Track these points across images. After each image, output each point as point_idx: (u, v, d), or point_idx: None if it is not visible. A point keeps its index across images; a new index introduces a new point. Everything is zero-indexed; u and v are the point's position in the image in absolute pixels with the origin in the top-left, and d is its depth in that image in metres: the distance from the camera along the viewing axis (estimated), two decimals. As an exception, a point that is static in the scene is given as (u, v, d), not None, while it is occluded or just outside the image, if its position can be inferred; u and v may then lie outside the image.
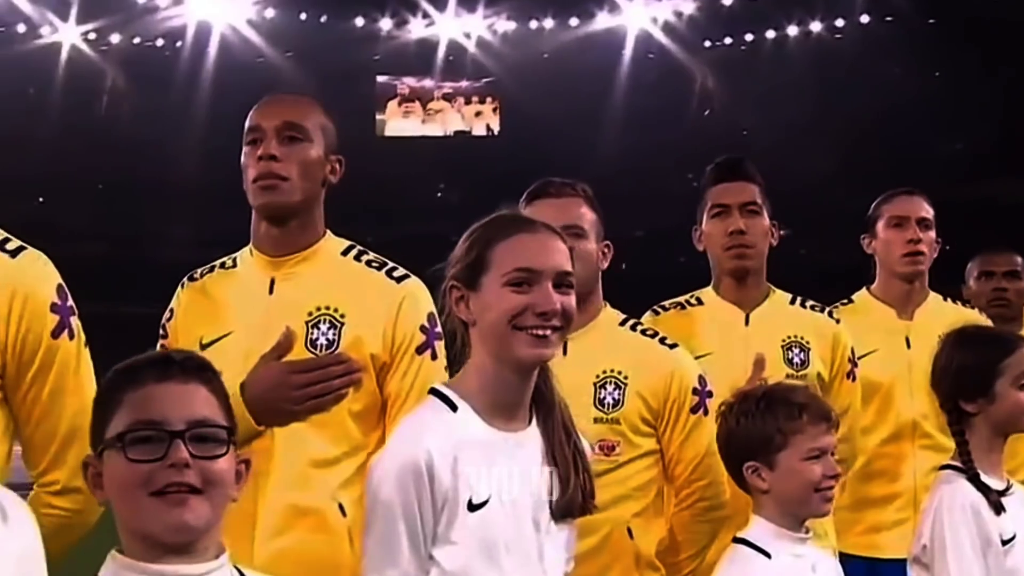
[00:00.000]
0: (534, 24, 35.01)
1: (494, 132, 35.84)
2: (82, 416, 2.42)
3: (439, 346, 3.10)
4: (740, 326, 3.97)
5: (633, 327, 3.61)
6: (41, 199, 32.20)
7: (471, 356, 2.59)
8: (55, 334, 2.68)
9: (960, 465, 3.41)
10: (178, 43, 33.88)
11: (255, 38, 33.72)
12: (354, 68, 33.90)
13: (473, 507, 2.46)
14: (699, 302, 4.07)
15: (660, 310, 4.09)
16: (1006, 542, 3.31)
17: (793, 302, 4.09)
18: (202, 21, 33.50)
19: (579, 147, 30.75)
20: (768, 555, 3.08)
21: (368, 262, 3.21)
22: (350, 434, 3.07)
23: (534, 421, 2.60)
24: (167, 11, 33.31)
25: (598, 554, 3.36)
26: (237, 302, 3.19)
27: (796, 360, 3.95)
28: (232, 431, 2.23)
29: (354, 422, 3.08)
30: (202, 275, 3.33)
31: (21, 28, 33.01)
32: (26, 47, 33.00)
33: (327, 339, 3.07)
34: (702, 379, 3.56)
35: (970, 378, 3.42)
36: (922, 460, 4.32)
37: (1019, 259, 5.16)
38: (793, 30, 35.09)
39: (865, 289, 4.68)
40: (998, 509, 3.31)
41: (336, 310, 3.10)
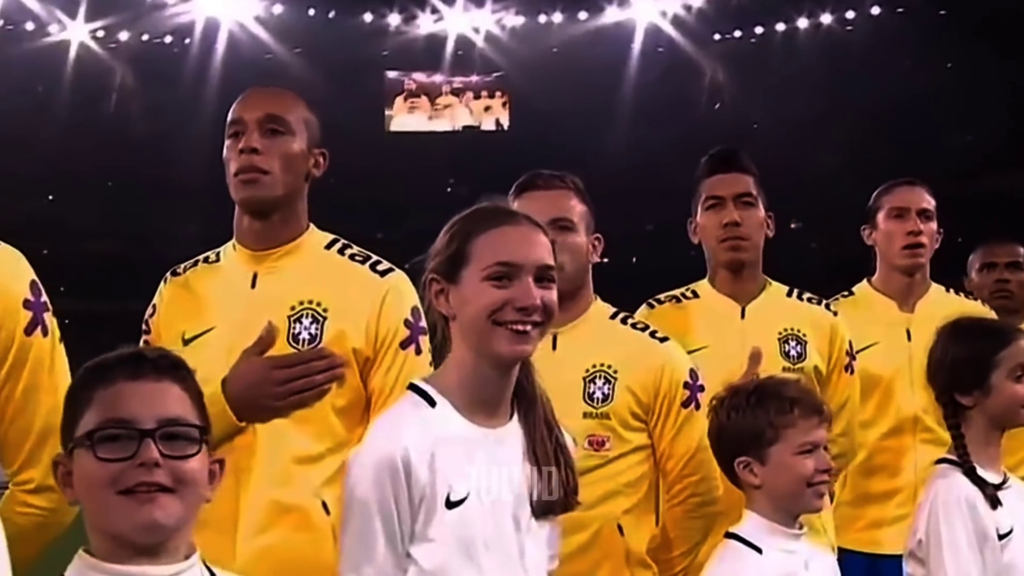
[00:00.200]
0: (543, 18, 34.99)
1: (503, 127, 35.83)
2: (56, 414, 2.39)
3: (424, 341, 3.05)
4: (736, 319, 3.92)
5: (624, 321, 3.56)
6: (50, 197, 32.30)
7: (451, 351, 2.55)
8: (28, 331, 2.66)
9: (956, 459, 3.36)
10: (186, 40, 33.96)
11: (263, 35, 33.76)
12: (363, 64, 33.92)
13: (451, 504, 2.43)
14: (695, 295, 4.02)
15: (655, 303, 4.04)
16: (1003, 536, 3.26)
17: (790, 294, 4.03)
18: (210, 18, 33.57)
19: (588, 141, 30.72)
20: (760, 551, 3.04)
21: (352, 256, 3.17)
22: (333, 430, 3.03)
23: (515, 417, 2.56)
24: (175, 8, 33.38)
25: (588, 551, 3.31)
26: (219, 297, 3.16)
27: (793, 353, 3.90)
28: (205, 430, 2.19)
29: (337, 418, 3.04)
30: (185, 270, 3.30)
31: (29, 26, 33.12)
32: (34, 45, 33.11)
33: (309, 334, 3.04)
34: (693, 373, 3.50)
35: (965, 371, 3.37)
36: (923, 454, 4.26)
37: (1021, 250, 5.09)
38: (803, 22, 35.02)
39: (866, 281, 4.62)
40: (994, 503, 3.26)
41: (319, 304, 3.06)
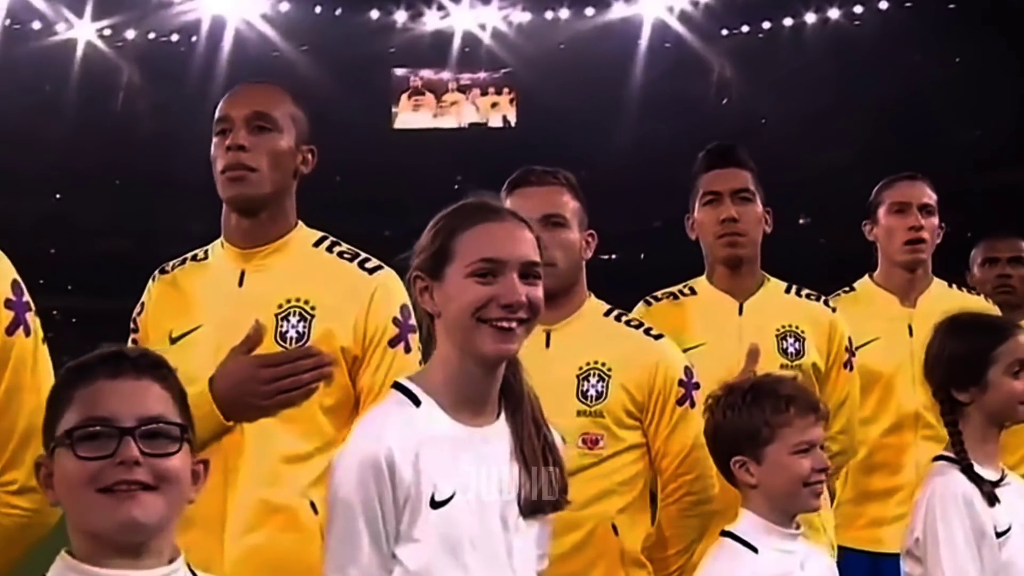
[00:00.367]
0: (549, 15, 34.95)
1: (511, 123, 35.78)
2: (39, 414, 2.36)
3: (413, 339, 3.02)
4: (734, 316, 3.88)
5: (618, 318, 3.53)
6: (58, 196, 32.36)
7: (436, 348, 2.52)
8: (10, 331, 2.63)
9: (953, 456, 3.32)
10: (193, 38, 33.99)
11: (270, 32, 33.78)
12: (369, 61, 33.91)
13: (436, 504, 2.40)
14: (692, 292, 3.99)
15: (652, 300, 4.01)
16: (1000, 534, 3.22)
17: (788, 291, 4.00)
18: (216, 16, 33.60)
19: (596, 137, 30.69)
20: (755, 550, 3.01)
21: (340, 253, 3.15)
22: (322, 429, 3.01)
23: (503, 415, 2.53)
24: (181, 6, 33.44)
25: (582, 551, 3.29)
26: (207, 295, 3.14)
27: (791, 350, 3.86)
28: (186, 429, 2.17)
29: (326, 417, 3.02)
30: (173, 268, 3.29)
31: (36, 25, 33.19)
32: (41, 44, 33.18)
33: (297, 332, 3.01)
34: (688, 370, 3.47)
35: (962, 367, 3.33)
36: (925, 451, 4.20)
37: (1023, 245, 5.05)
38: (811, 17, 34.93)
39: (867, 277, 4.59)
40: (992, 500, 3.22)
41: (306, 302, 3.04)
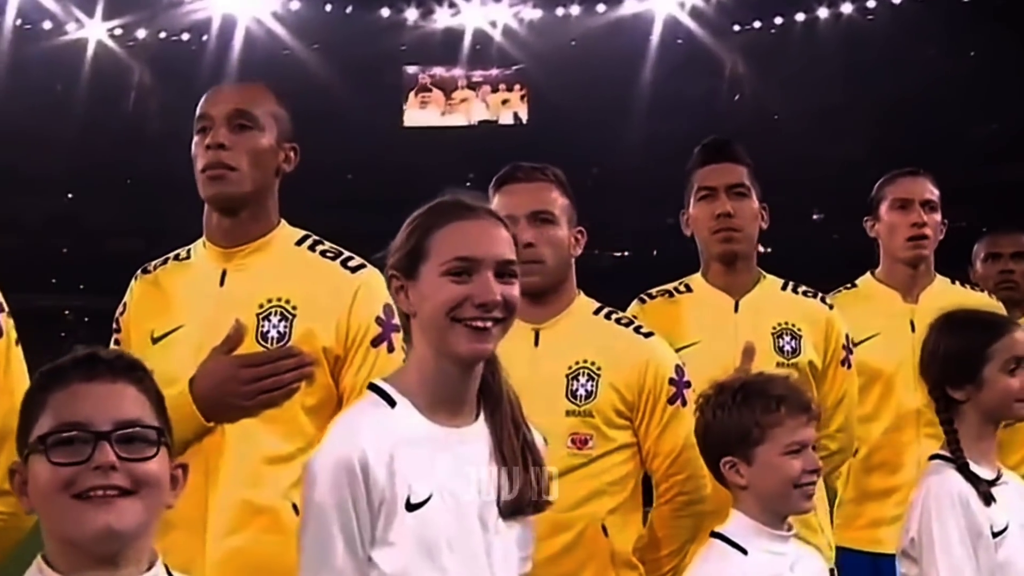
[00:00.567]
0: (560, 11, 34.91)
1: (522, 121, 35.73)
2: (13, 416, 2.33)
3: (396, 338, 2.99)
4: (729, 313, 3.84)
5: (608, 316, 3.48)
6: (69, 195, 32.44)
7: (412, 348, 2.48)
8: None
9: (949, 455, 3.27)
10: (204, 37, 34.06)
11: (280, 31, 33.81)
12: (380, 59, 33.90)
13: (412, 506, 2.36)
14: (688, 289, 3.95)
15: (647, 298, 3.97)
16: (997, 534, 3.16)
17: (785, 287, 3.96)
18: (227, 15, 33.66)
19: (608, 134, 30.62)
20: (744, 552, 2.96)
21: (323, 252, 3.12)
22: (304, 430, 2.98)
23: (482, 416, 2.49)
24: (192, 5, 33.51)
25: (572, 552, 3.25)
26: (188, 295, 3.12)
27: (787, 348, 3.82)
28: (163, 432, 2.14)
29: (308, 417, 2.99)
30: (155, 267, 3.26)
31: (47, 25, 33.28)
32: (52, 44, 33.28)
33: (278, 332, 2.99)
34: (679, 368, 3.42)
35: (957, 364, 3.27)
36: (927, 449, 4.14)
37: (1026, 240, 5.01)
38: (823, 12, 34.83)
39: (869, 273, 4.55)
40: (988, 499, 3.17)
41: (288, 302, 3.01)
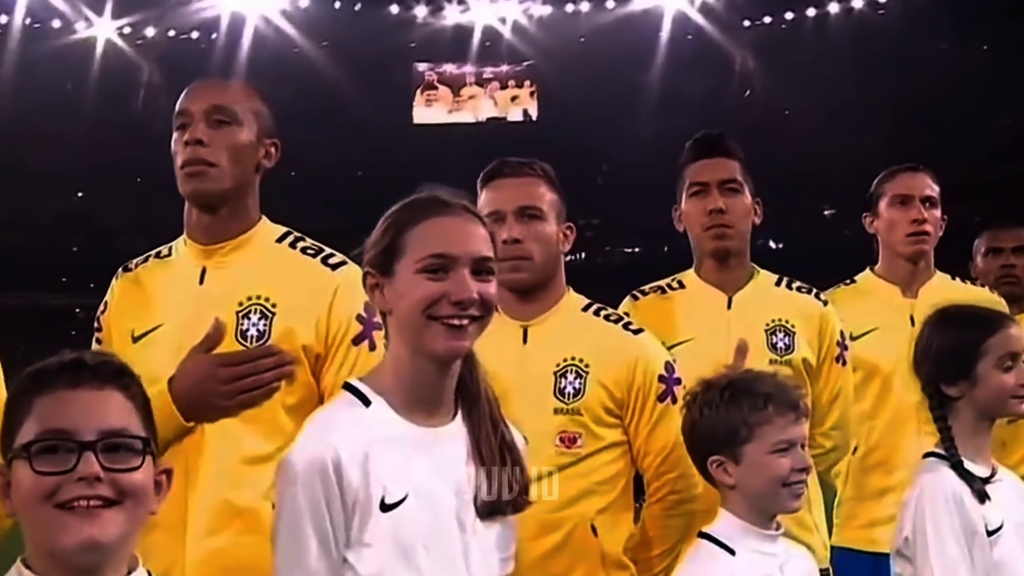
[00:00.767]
0: (570, 7, 34.86)
1: (532, 117, 35.67)
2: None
3: (378, 336, 2.95)
4: (722, 310, 3.79)
5: (596, 312, 3.43)
6: (80, 194, 32.51)
7: (388, 347, 2.45)
8: None
9: (943, 452, 3.22)
10: (213, 35, 34.09)
11: (289, 29, 33.82)
12: (390, 56, 33.87)
13: (387, 507, 2.33)
14: (680, 285, 3.91)
15: (639, 295, 3.93)
16: (992, 532, 3.11)
17: (779, 283, 3.91)
18: (236, 13, 33.68)
19: (618, 130, 30.56)
20: (732, 552, 2.92)
21: (304, 249, 3.09)
22: (284, 429, 2.93)
23: (459, 415, 2.45)
24: (201, 3, 33.54)
25: (561, 552, 3.21)
26: (168, 293, 3.09)
27: (780, 345, 3.77)
28: (149, 441, 2.10)
29: (288, 416, 2.95)
30: (136, 266, 3.24)
31: (56, 24, 33.36)
32: (61, 42, 33.35)
33: (257, 330, 2.96)
34: (669, 365, 3.37)
35: (951, 361, 3.22)
36: (926, 447, 4.08)
37: (1027, 235, 4.96)
38: (834, 7, 34.71)
39: (868, 269, 4.51)
40: (982, 497, 3.12)
41: (267, 299, 2.98)
